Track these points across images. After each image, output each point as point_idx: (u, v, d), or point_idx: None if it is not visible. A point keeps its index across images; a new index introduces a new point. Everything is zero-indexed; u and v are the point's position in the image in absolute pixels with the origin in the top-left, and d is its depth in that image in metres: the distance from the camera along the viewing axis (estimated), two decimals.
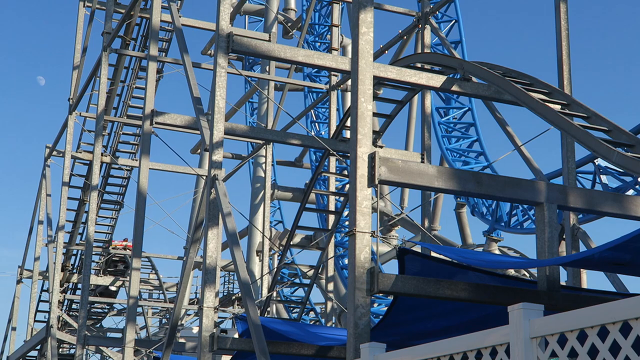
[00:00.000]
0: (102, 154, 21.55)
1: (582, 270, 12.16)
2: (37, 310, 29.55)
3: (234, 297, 32.06)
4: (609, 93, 67.96)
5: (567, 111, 10.40)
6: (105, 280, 28.92)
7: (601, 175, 15.38)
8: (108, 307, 35.18)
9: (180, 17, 16.92)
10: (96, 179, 20.85)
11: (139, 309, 31.48)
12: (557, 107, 10.38)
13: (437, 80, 12.03)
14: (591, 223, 15.15)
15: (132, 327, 15.64)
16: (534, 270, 17.72)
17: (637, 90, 65.99)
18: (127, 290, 20.32)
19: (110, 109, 24.59)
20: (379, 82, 12.43)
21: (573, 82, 12.62)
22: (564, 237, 12.42)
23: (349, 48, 27.61)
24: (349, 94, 24.92)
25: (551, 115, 10.14)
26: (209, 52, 27.61)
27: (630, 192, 14.81)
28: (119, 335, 31.82)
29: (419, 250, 13.65)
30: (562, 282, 9.48)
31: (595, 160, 15.40)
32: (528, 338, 5.87)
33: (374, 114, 14.38)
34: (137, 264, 15.98)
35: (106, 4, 21.74)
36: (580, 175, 15.39)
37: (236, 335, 12.31)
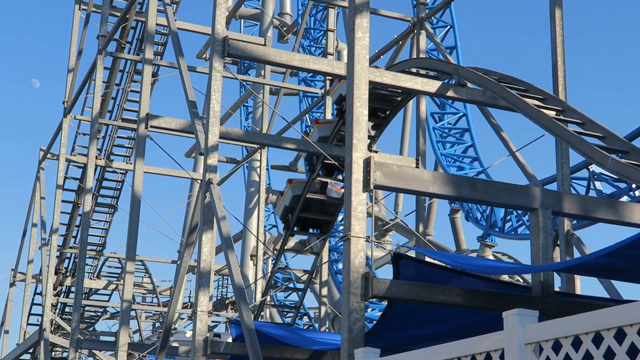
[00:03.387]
0: (96, 157, 21.52)
1: (576, 276, 12.17)
2: (30, 314, 29.46)
3: (227, 301, 32.01)
4: (603, 99, 68.12)
5: (561, 117, 10.42)
6: (98, 284, 28.86)
7: (595, 182, 15.41)
8: (101, 310, 35.12)
9: (175, 20, 16.92)
10: (90, 182, 20.81)
11: (133, 313, 31.44)
12: (552, 113, 10.40)
13: (432, 85, 12.04)
14: (585, 229, 15.17)
15: (125, 330, 15.60)
16: (528, 276, 17.74)
17: (632, 96, 66.19)
18: (120, 294, 20.27)
19: (105, 112, 24.55)
20: (374, 87, 12.44)
21: (568, 88, 12.64)
22: (558, 242, 12.43)
23: (345, 53, 27.63)
24: None
25: (546, 121, 10.16)
26: (205, 55, 27.60)
27: (625, 198, 14.84)
28: (112, 338, 31.75)
29: (414, 256, 13.65)
30: (556, 288, 9.49)
31: (589, 167, 15.43)
32: (522, 344, 5.87)
33: (369, 119, 14.37)
34: (131, 268, 15.96)
35: (102, 7, 21.71)
36: (574, 181, 15.41)
37: (230, 340, 12.29)
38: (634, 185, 14.65)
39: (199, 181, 14.92)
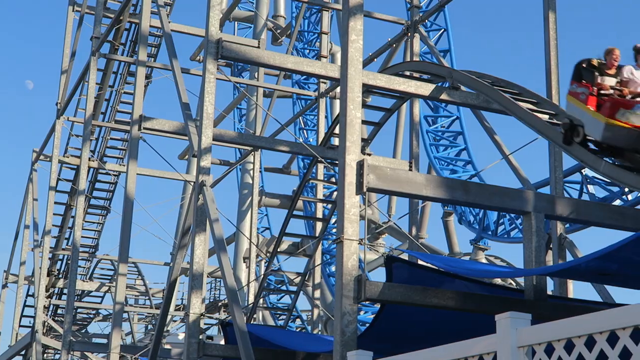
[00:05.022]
0: (89, 159, 21.47)
1: (568, 279, 12.19)
2: (22, 315, 29.38)
3: (220, 304, 31.98)
4: None
5: (554, 121, 10.43)
6: (91, 286, 28.80)
7: (588, 185, 15.44)
8: (94, 312, 35.05)
9: (169, 22, 16.88)
10: (83, 184, 20.76)
11: (125, 315, 31.36)
12: (545, 117, 10.42)
13: (426, 88, 12.05)
14: (578, 232, 15.18)
15: (117, 332, 15.56)
16: (521, 280, 17.74)
17: None
18: (113, 296, 20.22)
19: (98, 114, 24.50)
20: (368, 89, 12.44)
21: (561, 92, 12.65)
22: (551, 246, 12.44)
23: (338, 55, 27.64)
24: (337, 102, 24.93)
25: (539, 125, 10.18)
26: (198, 57, 27.57)
27: (617, 202, 14.85)
28: (105, 341, 31.68)
29: (407, 259, 13.65)
30: (549, 292, 9.49)
31: (582, 170, 15.44)
32: (515, 347, 5.87)
33: (363, 122, 14.38)
34: (124, 270, 15.92)
35: (95, 8, 21.67)
36: (567, 184, 15.43)
37: (222, 342, 12.28)
38: (626, 189, 14.68)
39: (192, 183, 14.90)
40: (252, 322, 17.10)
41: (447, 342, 6.66)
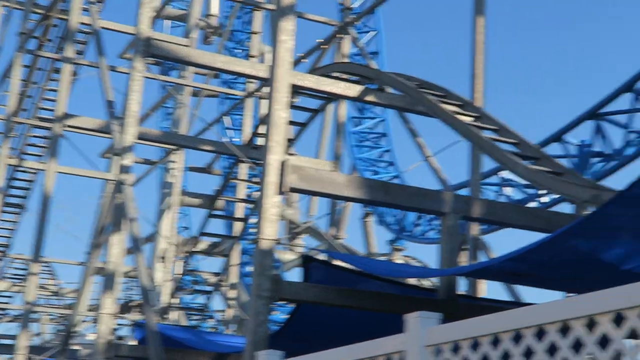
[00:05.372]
0: (8, 156, 20.84)
1: (482, 280, 12.26)
2: None
3: (133, 304, 31.34)
4: (519, 106, 69.26)
5: (477, 124, 10.51)
6: (1, 286, 28.00)
7: (506, 187, 15.65)
8: (2, 313, 34.11)
9: (99, 19, 16.52)
10: (1, 182, 20.16)
11: (36, 315, 30.55)
12: (469, 120, 10.48)
13: (354, 90, 12.04)
14: (493, 234, 15.31)
15: (25, 333, 15.14)
16: (436, 280, 17.85)
17: (547, 103, 67.82)
18: (23, 295, 19.70)
19: (18, 111, 23.81)
20: (296, 90, 12.36)
21: (486, 94, 12.69)
22: (467, 247, 12.49)
23: (268, 55, 27.49)
24: (264, 101, 24.79)
25: (461, 128, 10.24)
26: (128, 55, 27.08)
27: (533, 204, 15.07)
28: (12, 342, 30.86)
29: (325, 259, 13.58)
30: (463, 292, 9.54)
31: (500, 172, 15.64)
32: (423, 346, 5.83)
33: (290, 123, 14.29)
34: (36, 269, 15.48)
35: (24, 4, 21.06)
36: (488, 186, 15.59)
37: (134, 343, 12.04)
38: (540, 192, 14.84)
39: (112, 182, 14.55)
40: (165, 322, 16.79)
41: (362, 341, 6.58)
